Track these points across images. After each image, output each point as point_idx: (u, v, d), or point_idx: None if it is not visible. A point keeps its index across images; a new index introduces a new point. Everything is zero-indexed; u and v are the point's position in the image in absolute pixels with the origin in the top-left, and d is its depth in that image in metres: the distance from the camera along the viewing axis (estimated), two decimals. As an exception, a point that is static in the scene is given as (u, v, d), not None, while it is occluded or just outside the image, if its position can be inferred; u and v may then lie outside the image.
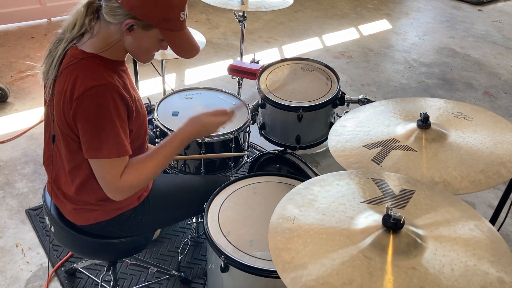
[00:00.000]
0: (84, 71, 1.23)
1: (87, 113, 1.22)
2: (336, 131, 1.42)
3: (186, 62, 3.78)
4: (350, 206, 1.07)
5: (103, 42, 1.27)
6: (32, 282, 1.96)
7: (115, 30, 1.25)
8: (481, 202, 2.60)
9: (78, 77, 1.22)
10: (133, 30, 1.24)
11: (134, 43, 1.28)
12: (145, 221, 1.51)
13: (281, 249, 0.97)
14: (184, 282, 1.98)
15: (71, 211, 1.44)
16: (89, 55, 1.26)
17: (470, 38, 4.72)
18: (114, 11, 1.22)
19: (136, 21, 1.22)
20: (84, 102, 1.20)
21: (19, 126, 2.89)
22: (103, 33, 1.27)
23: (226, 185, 1.56)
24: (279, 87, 1.99)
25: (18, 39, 3.88)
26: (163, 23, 1.24)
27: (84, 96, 1.20)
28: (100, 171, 1.27)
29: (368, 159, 1.28)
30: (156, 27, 1.24)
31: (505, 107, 3.56)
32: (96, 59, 1.26)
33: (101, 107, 1.22)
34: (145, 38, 1.27)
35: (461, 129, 1.36)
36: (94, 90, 1.20)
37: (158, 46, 1.32)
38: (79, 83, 1.21)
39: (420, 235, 0.97)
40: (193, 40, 1.34)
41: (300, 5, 5.19)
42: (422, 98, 1.54)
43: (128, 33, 1.24)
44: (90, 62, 1.25)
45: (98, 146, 1.23)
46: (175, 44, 1.31)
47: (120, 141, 1.25)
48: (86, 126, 1.23)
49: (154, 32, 1.26)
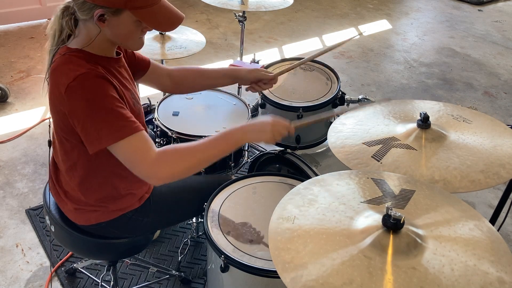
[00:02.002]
0: (67, 65, 1.23)
1: (79, 104, 1.19)
2: (335, 128, 1.42)
3: (186, 62, 3.78)
4: (350, 206, 1.07)
5: (85, 39, 1.27)
6: (32, 282, 1.96)
7: (91, 26, 1.25)
8: (481, 202, 2.60)
9: (62, 71, 1.22)
10: (105, 19, 1.22)
11: (113, 32, 1.26)
12: (146, 222, 1.51)
13: (281, 249, 0.97)
14: (184, 282, 1.98)
15: (72, 210, 1.44)
16: (72, 50, 1.26)
17: (470, 38, 4.72)
18: (81, 7, 1.22)
19: (104, 9, 1.20)
20: (72, 94, 1.19)
21: (19, 126, 2.89)
22: (84, 31, 1.27)
23: (226, 185, 1.56)
24: (279, 87, 1.99)
25: (18, 39, 3.88)
26: (130, 3, 1.20)
27: (70, 88, 1.18)
28: (124, 155, 1.22)
29: (368, 156, 1.28)
30: (125, 8, 1.21)
31: (505, 107, 3.56)
32: (79, 53, 1.26)
33: (91, 94, 1.19)
34: (120, 25, 1.24)
35: (461, 131, 1.36)
36: (77, 80, 1.18)
37: (139, 28, 1.28)
38: (63, 77, 1.20)
39: (420, 235, 0.97)
40: (172, 10, 1.29)
41: (300, 5, 5.19)
42: (421, 101, 1.54)
43: (102, 24, 1.22)
44: (72, 56, 1.25)
45: (104, 131, 1.19)
46: (151, 21, 1.25)
47: (124, 119, 1.21)
48: (83, 117, 1.19)
49: (126, 15, 1.22)
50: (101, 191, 1.41)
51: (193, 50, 2.31)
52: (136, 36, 1.30)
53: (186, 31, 2.47)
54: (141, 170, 1.22)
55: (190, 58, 3.68)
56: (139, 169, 1.22)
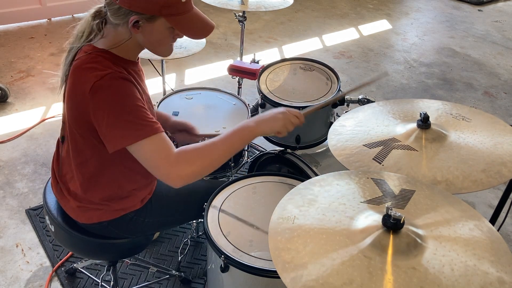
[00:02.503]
0: (93, 64, 1.24)
1: (103, 103, 1.20)
2: (335, 130, 1.42)
3: (186, 62, 3.78)
4: (350, 206, 1.07)
5: (113, 41, 1.28)
6: (32, 282, 1.96)
7: (123, 31, 1.27)
8: (481, 202, 2.60)
9: (88, 69, 1.23)
10: (140, 26, 1.24)
11: (146, 38, 1.28)
12: (147, 223, 1.51)
13: (281, 249, 0.97)
14: (184, 282, 1.98)
15: (75, 208, 1.44)
16: (98, 50, 1.27)
17: (470, 38, 4.72)
18: (116, 13, 1.24)
19: (139, 16, 1.22)
20: (98, 92, 1.20)
21: (19, 126, 2.89)
22: (113, 33, 1.28)
23: (226, 185, 1.56)
24: (279, 87, 1.99)
25: (18, 39, 3.88)
26: (164, 10, 1.22)
27: (95, 87, 1.19)
28: (144, 155, 1.22)
29: (369, 158, 1.28)
30: (159, 16, 1.23)
31: (505, 107, 3.56)
32: (106, 54, 1.27)
33: (116, 93, 1.21)
34: (154, 31, 1.26)
35: (461, 130, 1.36)
36: (104, 79, 1.20)
37: (171, 35, 1.30)
38: (89, 75, 1.21)
39: (420, 235, 0.97)
40: (204, 18, 1.31)
41: (300, 5, 5.19)
42: (420, 100, 1.54)
43: (136, 30, 1.25)
44: (99, 55, 1.26)
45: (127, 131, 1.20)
46: (185, 28, 1.28)
47: (146, 120, 1.22)
48: (107, 115, 1.20)
49: (160, 22, 1.25)
50: (107, 190, 1.41)
51: (193, 50, 2.31)
52: (167, 43, 1.33)
53: (186, 31, 2.47)
54: (161, 170, 1.22)
55: (190, 58, 3.68)
56: (160, 169, 1.22)
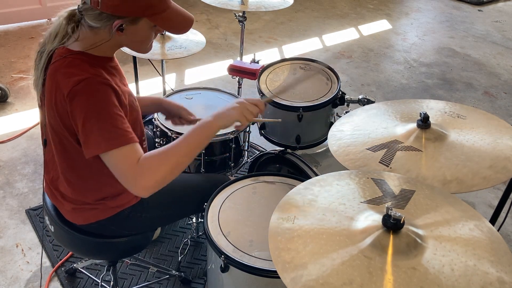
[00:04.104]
0: (70, 68, 1.23)
1: (80, 109, 1.20)
2: (334, 136, 1.41)
3: (186, 62, 3.78)
4: (350, 206, 1.07)
5: (90, 43, 1.27)
6: (32, 282, 1.96)
7: (102, 32, 1.26)
8: (481, 202, 2.60)
9: (65, 74, 1.22)
10: (123, 29, 1.24)
11: (129, 39, 1.28)
12: (144, 218, 1.51)
13: (281, 249, 0.97)
14: (184, 282, 1.98)
15: (70, 211, 1.44)
16: (74, 52, 1.26)
17: (470, 38, 4.72)
18: (98, 17, 1.22)
19: (123, 19, 1.22)
20: (75, 98, 1.19)
21: (19, 126, 2.89)
22: (90, 36, 1.27)
23: (226, 185, 1.56)
24: (279, 87, 1.99)
25: (18, 39, 3.88)
26: (148, 10, 1.23)
27: (73, 93, 1.19)
28: (114, 164, 1.21)
29: (375, 161, 1.27)
30: (143, 17, 1.24)
31: (505, 107, 3.56)
32: (82, 56, 1.26)
33: (93, 99, 1.20)
34: (138, 32, 1.27)
35: (459, 128, 1.36)
36: (81, 85, 1.19)
37: (153, 33, 1.32)
38: (67, 80, 1.21)
39: (420, 235, 0.97)
40: (184, 12, 1.32)
41: (300, 5, 5.19)
42: (412, 100, 1.54)
43: (120, 33, 1.24)
44: (76, 59, 1.25)
45: (97, 139, 1.19)
46: (168, 24, 1.29)
47: (121, 128, 1.21)
48: (82, 121, 1.20)
49: (144, 22, 1.25)
50: (99, 190, 1.41)
51: (193, 50, 2.31)
52: (150, 41, 1.34)
53: (186, 31, 2.47)
54: (128, 182, 1.20)
55: (190, 58, 3.68)
56: (127, 180, 1.21)
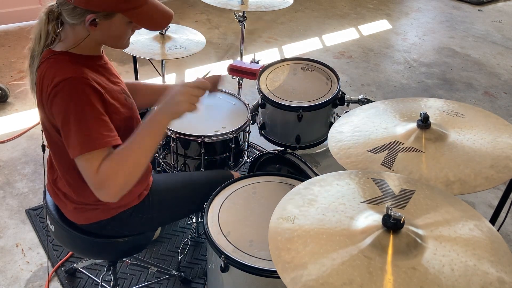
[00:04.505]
0: (52, 68, 1.23)
1: (59, 110, 1.19)
2: (334, 137, 1.40)
3: (186, 62, 3.78)
4: (350, 206, 1.07)
5: (72, 42, 1.27)
6: (32, 282, 1.96)
7: (80, 30, 1.24)
8: (481, 202, 2.60)
9: (47, 74, 1.22)
10: (97, 23, 1.22)
11: (104, 34, 1.26)
12: (146, 219, 1.51)
13: (281, 249, 0.97)
14: (184, 282, 1.98)
15: (72, 210, 1.44)
16: (57, 53, 1.26)
17: (470, 38, 4.72)
18: (72, 13, 1.21)
19: (96, 14, 1.20)
20: (55, 99, 1.19)
21: (19, 126, 2.89)
22: (71, 34, 1.26)
23: (226, 185, 1.56)
24: (279, 87, 1.99)
25: (18, 39, 3.88)
26: (122, 5, 1.20)
27: (53, 93, 1.19)
28: (81, 169, 1.20)
29: (377, 163, 1.26)
30: (117, 12, 1.21)
31: (505, 107, 3.56)
32: (65, 56, 1.26)
33: (70, 102, 1.18)
34: (112, 27, 1.24)
35: (458, 127, 1.36)
36: (61, 85, 1.18)
37: (129, 29, 1.29)
38: (49, 80, 1.21)
39: (420, 235, 0.97)
40: (162, 8, 1.28)
41: (300, 5, 5.19)
42: (411, 98, 1.54)
43: (93, 28, 1.22)
44: (58, 59, 1.25)
45: (73, 142, 1.18)
46: (144, 20, 1.26)
47: (92, 133, 1.18)
48: (61, 123, 1.20)
49: (118, 18, 1.23)
50: None
51: (193, 50, 2.31)
52: (127, 37, 1.31)
53: (186, 31, 2.47)
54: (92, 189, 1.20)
55: (190, 58, 3.68)
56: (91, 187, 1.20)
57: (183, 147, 1.94)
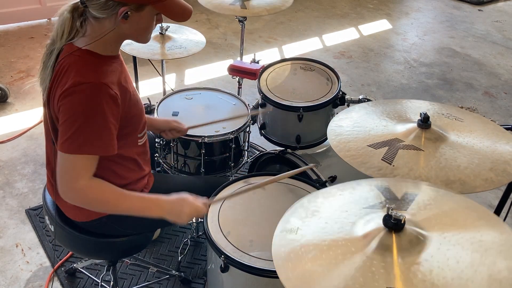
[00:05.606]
0: (76, 65, 1.24)
1: (70, 108, 1.21)
2: (333, 131, 1.40)
3: (186, 62, 3.78)
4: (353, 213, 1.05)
5: (94, 36, 1.27)
6: (32, 282, 1.96)
7: (107, 23, 1.26)
8: (481, 202, 2.60)
9: (69, 70, 1.23)
10: (128, 16, 1.24)
11: (132, 27, 1.28)
12: (146, 218, 1.51)
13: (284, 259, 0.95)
14: (184, 282, 1.98)
15: (72, 207, 1.44)
16: (81, 50, 1.27)
17: (470, 38, 4.72)
18: (104, 6, 1.23)
19: (129, 6, 1.22)
20: (70, 97, 1.20)
21: (19, 126, 2.89)
22: (95, 28, 1.27)
23: (226, 185, 1.56)
24: (279, 86, 1.99)
25: (18, 39, 3.87)
26: None
27: (70, 90, 1.20)
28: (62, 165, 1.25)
29: (378, 158, 1.26)
30: (148, 4, 1.25)
31: (505, 107, 3.56)
32: (89, 55, 1.27)
33: (85, 106, 1.21)
34: (142, 19, 1.28)
35: (458, 130, 1.36)
36: (81, 87, 1.20)
37: (154, 22, 1.33)
38: (69, 77, 1.21)
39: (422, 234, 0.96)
40: (183, 3, 1.35)
41: (300, 5, 5.19)
42: (409, 100, 1.54)
43: (124, 21, 1.24)
44: (83, 57, 1.26)
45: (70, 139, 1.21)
46: (170, 11, 1.31)
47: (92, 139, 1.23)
48: (65, 119, 1.22)
49: (148, 10, 1.26)
50: None
51: (193, 50, 2.31)
52: (152, 29, 1.36)
53: (186, 31, 2.47)
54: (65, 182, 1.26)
55: (190, 58, 3.67)
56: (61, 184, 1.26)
57: (183, 147, 1.93)
